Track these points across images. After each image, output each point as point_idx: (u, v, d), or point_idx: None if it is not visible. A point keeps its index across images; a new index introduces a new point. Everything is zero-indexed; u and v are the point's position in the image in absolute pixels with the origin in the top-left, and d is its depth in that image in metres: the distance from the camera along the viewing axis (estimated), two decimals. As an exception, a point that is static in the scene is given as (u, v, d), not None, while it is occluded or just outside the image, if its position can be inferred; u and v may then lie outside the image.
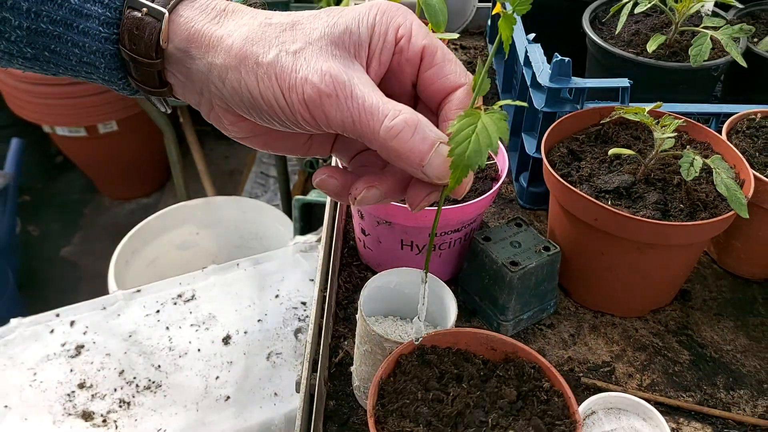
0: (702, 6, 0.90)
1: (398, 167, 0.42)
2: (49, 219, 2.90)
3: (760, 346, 0.74)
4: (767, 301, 0.79)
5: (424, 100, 0.46)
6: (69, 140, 2.60)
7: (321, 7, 0.51)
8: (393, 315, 0.67)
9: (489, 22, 1.19)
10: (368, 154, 0.49)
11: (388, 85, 0.45)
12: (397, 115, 0.40)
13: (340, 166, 0.50)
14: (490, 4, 1.16)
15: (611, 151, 0.70)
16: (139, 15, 0.42)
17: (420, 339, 0.54)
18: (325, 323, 0.70)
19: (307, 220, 1.77)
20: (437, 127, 0.42)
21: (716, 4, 0.95)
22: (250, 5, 0.45)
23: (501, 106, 0.43)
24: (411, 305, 0.66)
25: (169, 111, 0.50)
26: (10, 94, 2.51)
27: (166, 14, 0.42)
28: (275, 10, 0.44)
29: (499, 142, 0.42)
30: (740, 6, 0.99)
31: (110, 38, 0.43)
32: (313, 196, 1.75)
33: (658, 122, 0.70)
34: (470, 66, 1.22)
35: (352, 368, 0.66)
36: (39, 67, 0.47)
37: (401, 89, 0.46)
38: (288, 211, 2.17)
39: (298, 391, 0.65)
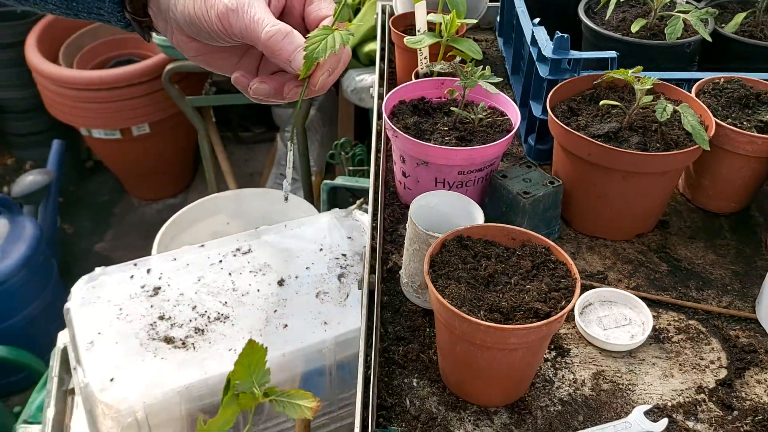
0: (676, -3, 1.09)
1: (276, 64, 0.62)
2: (82, 218, 3.09)
3: (725, 260, 0.92)
4: (732, 229, 0.97)
5: (308, 26, 0.66)
6: (104, 142, 2.79)
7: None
8: (432, 230, 0.86)
9: (498, 19, 1.39)
10: (277, 73, 0.68)
11: (286, 16, 0.66)
12: (274, 24, 0.60)
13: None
14: (498, 3, 1.35)
15: (602, 102, 0.89)
16: None
17: (287, 196, 0.72)
18: (379, 242, 0.88)
19: (333, 202, 1.96)
20: None
21: (689, -4, 1.15)
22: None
23: (348, 30, 0.62)
24: (447, 221, 0.84)
25: (149, 41, 0.71)
26: (51, 99, 2.71)
27: None
28: None
29: (515, 106, 0.61)
30: (710, -2, 1.18)
31: None
32: (338, 181, 1.95)
33: (639, 80, 0.89)
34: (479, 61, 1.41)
35: (401, 272, 0.85)
36: (64, 9, 0.67)
37: (295, 21, 0.66)
38: (315, 200, 2.36)
39: (360, 288, 0.83)
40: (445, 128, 0.95)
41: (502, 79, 0.96)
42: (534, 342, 0.66)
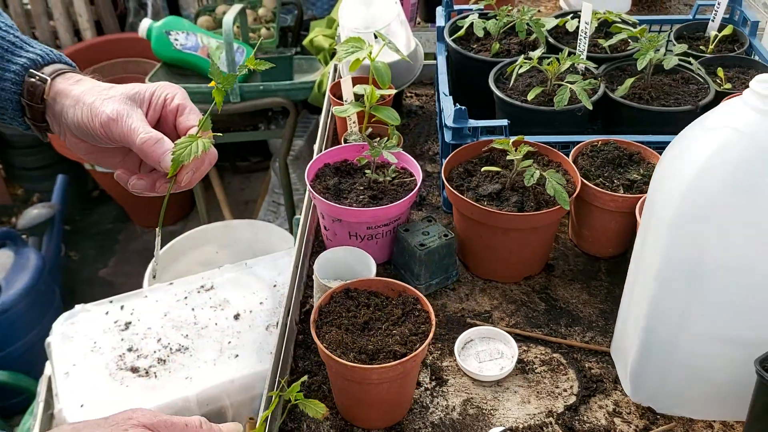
0: (575, 64, 1.25)
1: (152, 165, 0.74)
2: (87, 246, 3.29)
3: (596, 300, 1.07)
4: (608, 271, 1.12)
5: (179, 133, 0.77)
6: (107, 175, 2.99)
7: (318, 60, 0.81)
8: (339, 278, 1.02)
9: (436, 75, 1.55)
10: (153, 171, 0.79)
11: (162, 125, 0.78)
12: (148, 132, 0.73)
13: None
14: (435, 62, 1.51)
15: (483, 169, 1.05)
16: (34, 80, 0.75)
17: (155, 276, 0.86)
18: (297, 286, 1.05)
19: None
20: None
21: (588, 58, 1.30)
22: (92, 77, 0.79)
23: (212, 136, 0.75)
24: (351, 271, 1.00)
25: (46, 140, 0.83)
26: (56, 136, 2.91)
27: (49, 80, 0.76)
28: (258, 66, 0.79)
29: (419, 168, 0.76)
30: (612, 59, 1.33)
31: (16, 92, 0.76)
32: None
33: (517, 149, 1.05)
34: (421, 110, 1.58)
35: (313, 314, 1.01)
36: None
37: (168, 129, 0.78)
38: (293, 231, 2.53)
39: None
40: (361, 188, 1.11)
41: (399, 149, 1.12)
42: (395, 377, 0.82)
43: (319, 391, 0.94)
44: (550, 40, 1.39)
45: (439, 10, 1.51)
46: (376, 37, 1.24)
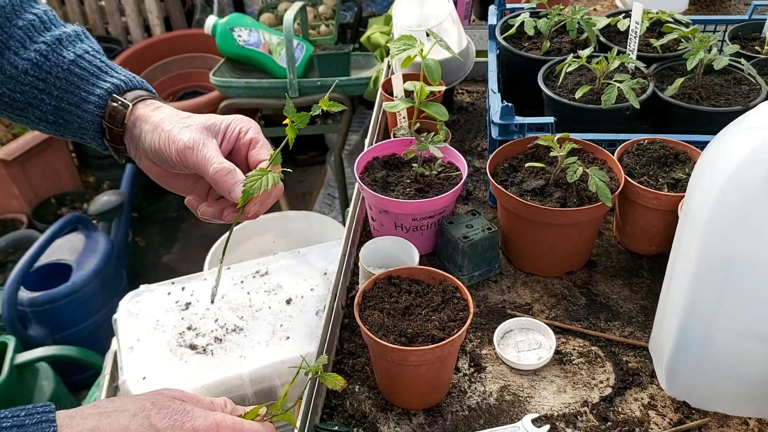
0: (625, 63, 1.26)
1: (221, 194, 0.77)
2: (152, 232, 3.45)
3: (636, 296, 1.08)
4: (651, 268, 1.13)
5: (250, 167, 0.80)
6: (125, 159, 3.13)
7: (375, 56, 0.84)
8: (384, 266, 1.07)
9: (488, 73, 1.58)
10: (220, 198, 0.82)
11: (234, 156, 0.81)
12: (221, 163, 0.75)
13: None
14: (487, 59, 1.54)
15: (527, 165, 1.08)
16: (116, 105, 0.80)
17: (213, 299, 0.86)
18: (344, 272, 1.10)
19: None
20: None
21: (639, 58, 1.30)
22: (171, 105, 0.83)
23: (282, 171, 0.78)
24: (395, 260, 1.05)
25: (122, 162, 0.86)
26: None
27: (130, 106, 0.80)
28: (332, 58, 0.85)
29: (464, 162, 0.81)
30: (663, 59, 1.33)
31: (99, 114, 0.80)
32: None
33: (562, 146, 1.07)
34: (472, 106, 1.61)
35: (359, 299, 1.06)
36: (53, 130, 0.83)
37: (240, 160, 0.81)
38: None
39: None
40: (408, 181, 1.16)
41: (446, 144, 1.16)
42: (432, 360, 0.86)
43: (362, 371, 0.99)
44: (602, 39, 1.40)
45: (492, 9, 1.54)
46: (428, 35, 1.28)
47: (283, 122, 0.79)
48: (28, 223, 3.12)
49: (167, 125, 0.77)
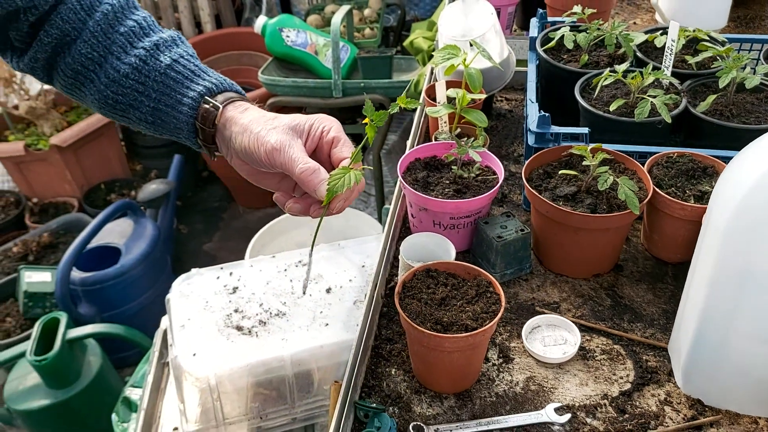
0: (660, 79, 1.32)
1: (307, 191, 0.84)
2: (195, 220, 3.59)
3: (659, 300, 1.15)
4: (675, 275, 1.19)
5: (333, 165, 0.87)
6: (217, 157, 3.25)
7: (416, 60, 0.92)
8: (422, 261, 1.15)
9: (527, 82, 1.65)
10: (305, 194, 0.88)
11: (317, 154, 0.87)
12: (306, 163, 0.82)
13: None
14: (525, 68, 1.61)
15: (561, 172, 1.15)
16: (208, 107, 0.86)
17: (304, 291, 0.97)
18: (384, 264, 1.19)
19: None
20: None
21: (674, 74, 1.36)
22: (258, 106, 0.89)
23: (363, 168, 0.85)
24: (432, 255, 1.13)
25: (214, 159, 0.93)
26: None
27: (220, 108, 0.86)
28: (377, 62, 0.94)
29: (501, 167, 0.90)
30: (698, 75, 1.39)
31: (192, 115, 0.87)
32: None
33: (594, 156, 1.14)
34: (510, 113, 1.68)
35: (398, 290, 1.15)
36: (152, 129, 0.91)
37: (323, 157, 0.87)
38: (381, 220, 2.68)
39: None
40: (447, 182, 1.24)
41: (484, 149, 1.23)
42: (465, 347, 0.94)
43: (399, 356, 1.07)
44: (639, 54, 1.46)
45: (533, 22, 1.61)
46: (471, 45, 1.36)
47: (363, 121, 0.85)
48: (78, 206, 3.28)
49: (255, 127, 0.83)
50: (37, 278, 2.51)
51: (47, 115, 3.19)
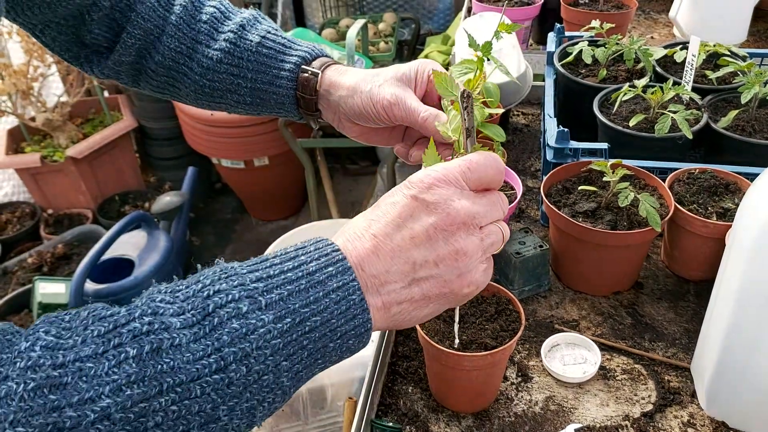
0: (680, 94, 1.31)
1: (420, 134, 0.85)
2: (207, 232, 3.59)
3: (681, 319, 1.13)
4: (697, 293, 1.17)
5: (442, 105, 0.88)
6: (230, 170, 3.27)
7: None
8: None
9: (543, 96, 1.64)
10: (423, 138, 0.90)
11: (427, 99, 0.87)
12: (427, 110, 0.82)
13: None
14: (543, 83, 1.60)
15: (580, 188, 1.14)
16: (307, 75, 0.87)
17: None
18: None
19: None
20: None
21: (694, 89, 1.35)
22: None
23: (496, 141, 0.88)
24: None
25: (316, 127, 0.97)
26: (189, 131, 3.22)
27: (320, 74, 0.87)
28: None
29: (519, 182, 0.88)
30: (719, 90, 1.37)
31: (292, 87, 0.88)
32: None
33: (614, 171, 1.12)
34: (527, 128, 1.67)
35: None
36: (252, 110, 0.92)
37: (432, 100, 0.87)
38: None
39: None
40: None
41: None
42: (484, 366, 0.92)
43: (416, 373, 1.06)
44: (658, 69, 1.44)
45: (551, 36, 1.60)
46: (489, 59, 1.35)
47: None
48: (92, 218, 3.29)
49: (365, 86, 0.83)
50: (51, 289, 2.51)
51: (63, 127, 3.22)
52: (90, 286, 2.50)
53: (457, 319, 0.93)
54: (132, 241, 2.73)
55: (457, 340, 0.92)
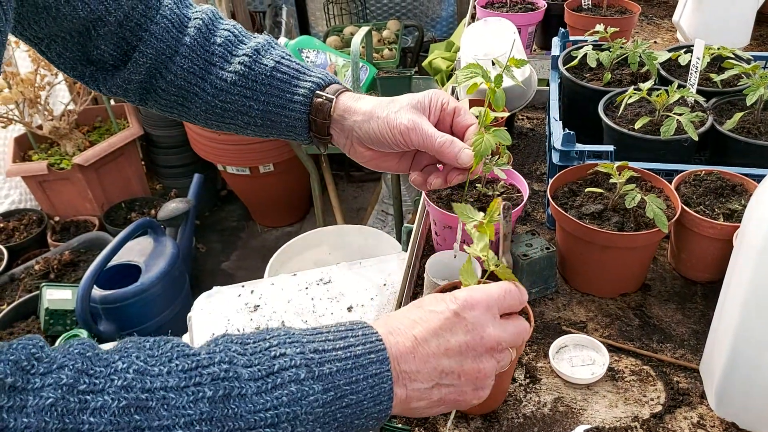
0: (685, 97, 1.31)
1: (446, 163, 0.88)
2: (213, 239, 3.60)
3: (689, 320, 1.13)
4: (704, 295, 1.17)
5: (455, 133, 0.92)
6: (236, 177, 3.28)
7: (435, 80, 0.97)
8: (447, 279, 1.14)
9: (548, 100, 1.64)
10: (430, 165, 0.96)
11: (439, 126, 0.91)
12: (443, 136, 0.86)
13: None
14: (548, 88, 1.61)
15: (587, 190, 1.14)
16: (321, 100, 0.91)
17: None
18: (408, 282, 1.18)
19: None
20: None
21: (699, 92, 1.35)
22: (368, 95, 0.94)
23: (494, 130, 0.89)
24: (457, 273, 1.12)
25: (325, 152, 1.01)
26: (195, 139, 3.23)
27: (335, 99, 0.91)
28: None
29: (525, 185, 0.90)
30: (723, 93, 1.38)
31: (305, 111, 0.91)
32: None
33: (621, 173, 1.13)
34: (531, 132, 1.68)
35: (422, 309, 1.14)
36: (261, 132, 0.94)
37: (445, 128, 0.92)
38: (400, 239, 2.67)
39: (390, 318, 1.13)
40: (472, 200, 1.23)
41: (509, 167, 1.23)
42: (492, 367, 0.92)
43: (424, 376, 1.06)
44: (662, 72, 1.45)
45: (555, 41, 1.61)
46: (493, 63, 1.36)
47: None
48: (99, 225, 3.30)
49: (381, 112, 0.87)
50: (58, 296, 2.52)
51: (70, 135, 3.24)
52: (97, 292, 2.51)
53: None
54: (138, 248, 2.74)
55: None
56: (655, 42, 2.01)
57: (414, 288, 1.22)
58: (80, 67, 0.90)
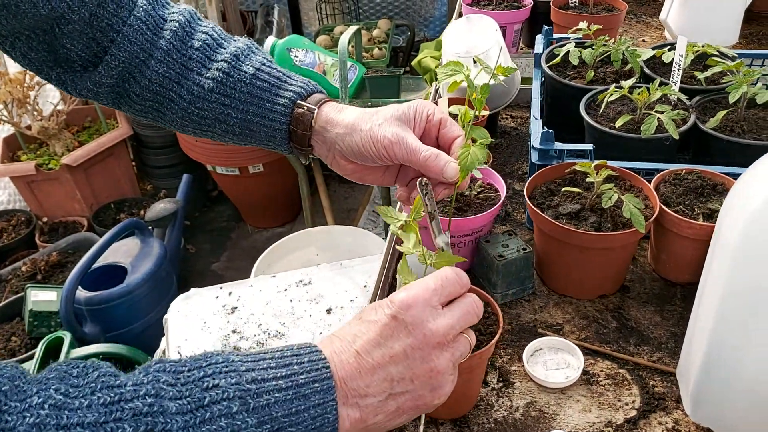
0: (668, 95, 1.29)
1: (431, 177, 0.83)
2: (203, 240, 3.58)
3: (668, 323, 1.10)
4: (683, 297, 1.14)
5: (441, 145, 0.87)
6: (225, 177, 3.25)
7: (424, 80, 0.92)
8: (422, 281, 1.11)
9: (532, 99, 1.62)
10: (416, 179, 0.91)
11: (425, 138, 0.87)
12: (427, 150, 0.81)
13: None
14: (531, 86, 1.58)
15: (564, 189, 1.11)
16: (302, 110, 0.86)
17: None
18: (382, 285, 1.15)
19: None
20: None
21: (682, 90, 1.33)
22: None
23: (481, 143, 0.86)
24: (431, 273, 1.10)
25: (306, 163, 0.97)
26: (184, 139, 3.21)
27: (317, 110, 0.86)
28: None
29: (503, 184, 0.86)
30: (707, 91, 1.35)
31: (285, 122, 0.87)
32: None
33: (598, 172, 1.10)
34: (515, 131, 1.65)
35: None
36: (239, 140, 0.90)
37: (430, 140, 0.87)
38: (390, 241, 2.64)
39: (362, 320, 1.10)
40: (448, 199, 1.20)
41: (486, 166, 1.20)
42: (461, 370, 0.88)
43: (395, 379, 1.03)
44: (646, 70, 1.43)
45: (539, 38, 1.58)
46: (475, 61, 1.33)
47: None
48: (88, 226, 3.28)
49: (363, 125, 0.82)
50: (43, 297, 2.49)
51: (59, 135, 3.21)
52: (82, 293, 2.48)
53: None
54: (125, 249, 2.71)
55: None
56: (644, 40, 1.99)
57: (389, 290, 1.20)
58: (46, 68, 0.86)
